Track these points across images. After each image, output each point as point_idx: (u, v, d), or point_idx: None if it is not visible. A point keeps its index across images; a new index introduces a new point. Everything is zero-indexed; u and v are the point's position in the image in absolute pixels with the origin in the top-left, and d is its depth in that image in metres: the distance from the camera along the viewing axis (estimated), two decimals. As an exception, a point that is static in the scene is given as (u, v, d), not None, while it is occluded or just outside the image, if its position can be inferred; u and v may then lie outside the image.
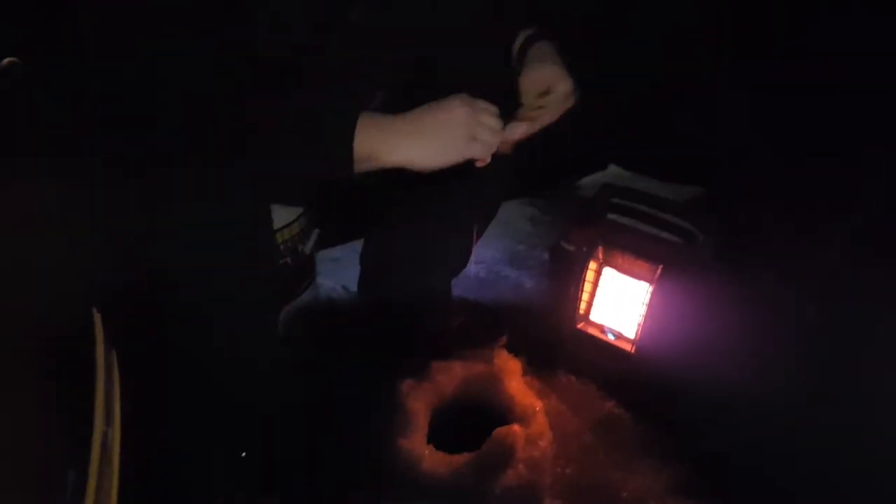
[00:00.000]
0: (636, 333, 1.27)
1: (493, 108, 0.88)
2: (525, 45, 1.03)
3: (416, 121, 0.84)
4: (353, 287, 1.46)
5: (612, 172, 2.00)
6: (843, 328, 1.29)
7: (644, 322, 1.24)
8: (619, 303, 1.29)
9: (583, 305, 1.33)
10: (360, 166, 0.82)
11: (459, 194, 1.13)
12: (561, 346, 1.36)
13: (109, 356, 0.69)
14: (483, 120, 0.86)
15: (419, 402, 1.19)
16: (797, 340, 1.30)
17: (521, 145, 0.99)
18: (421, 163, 0.85)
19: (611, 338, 1.32)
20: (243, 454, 1.07)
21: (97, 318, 0.71)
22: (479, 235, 1.29)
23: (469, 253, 1.32)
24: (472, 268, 1.34)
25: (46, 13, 0.81)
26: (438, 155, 0.86)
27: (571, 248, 1.28)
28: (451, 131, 0.85)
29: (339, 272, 1.55)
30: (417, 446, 1.10)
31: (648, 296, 1.22)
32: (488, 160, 0.90)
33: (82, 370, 0.65)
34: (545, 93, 0.99)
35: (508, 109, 0.95)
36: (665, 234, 1.26)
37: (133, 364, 0.84)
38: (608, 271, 1.29)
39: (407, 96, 0.88)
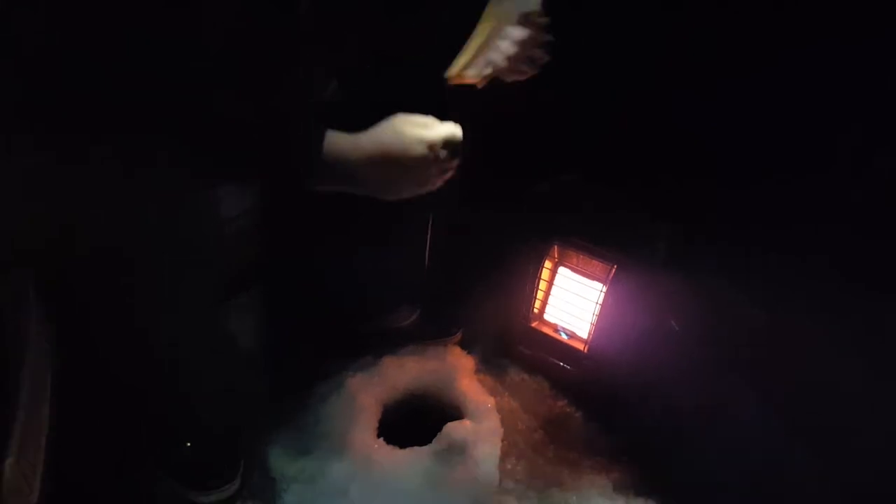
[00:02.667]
0: (589, 333, 1.28)
1: (455, 146, 0.86)
2: None
3: (378, 164, 0.82)
4: (307, 282, 1.44)
5: (571, 178, 2.02)
6: (789, 333, 1.32)
7: (597, 322, 1.25)
8: (572, 302, 1.30)
9: (537, 304, 1.34)
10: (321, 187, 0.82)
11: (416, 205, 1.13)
12: (514, 344, 1.36)
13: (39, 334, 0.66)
14: (439, 163, 0.85)
15: (370, 397, 1.17)
16: (745, 344, 1.33)
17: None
18: (377, 196, 0.86)
19: (564, 337, 1.33)
20: (188, 444, 1.04)
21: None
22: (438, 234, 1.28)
23: (424, 254, 1.31)
24: (427, 265, 1.33)
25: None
26: (394, 195, 0.87)
27: (527, 246, 1.28)
28: (409, 178, 0.85)
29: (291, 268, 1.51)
30: (368, 440, 1.08)
31: (602, 296, 1.23)
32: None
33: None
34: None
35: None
36: (620, 236, 1.28)
37: (70, 346, 0.81)
38: (563, 270, 1.30)
39: (362, 84, 0.86)
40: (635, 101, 1.45)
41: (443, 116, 0.86)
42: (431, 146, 0.83)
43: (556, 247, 1.29)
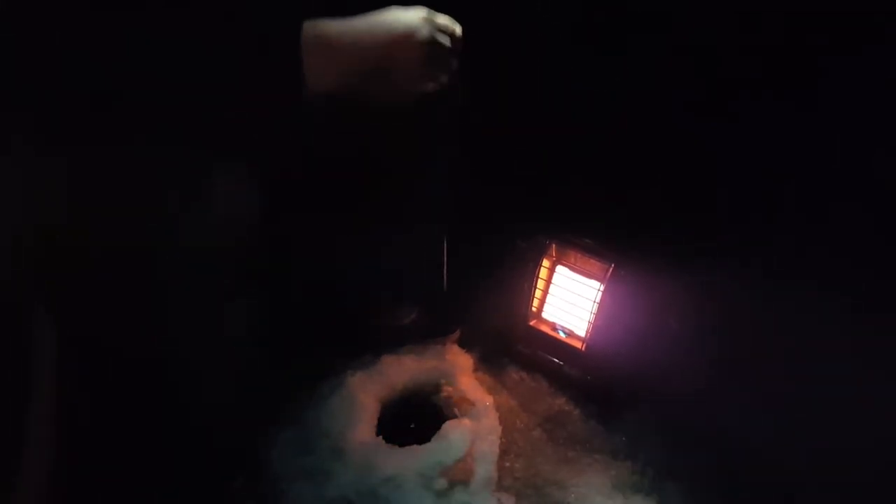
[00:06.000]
0: (587, 332, 1.28)
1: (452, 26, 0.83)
2: None
3: (373, 58, 0.78)
4: (308, 280, 1.44)
5: (571, 178, 2.02)
6: (787, 331, 1.32)
7: (595, 321, 1.26)
8: (571, 301, 1.30)
9: (535, 303, 1.34)
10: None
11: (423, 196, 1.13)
12: (513, 343, 1.36)
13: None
14: (442, 45, 0.81)
15: (369, 395, 1.17)
16: (744, 341, 1.33)
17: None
18: (375, 88, 0.82)
19: (562, 335, 1.33)
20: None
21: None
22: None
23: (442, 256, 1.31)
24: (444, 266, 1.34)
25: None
26: (397, 93, 0.83)
27: (526, 244, 1.28)
28: (410, 68, 0.80)
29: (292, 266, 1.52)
30: (366, 438, 1.09)
31: (600, 294, 1.23)
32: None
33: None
34: None
35: None
36: (618, 235, 1.28)
37: (74, 345, 0.81)
38: (561, 269, 1.30)
39: None
40: (635, 101, 1.45)
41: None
42: (428, 21, 0.80)
43: (554, 245, 1.29)
